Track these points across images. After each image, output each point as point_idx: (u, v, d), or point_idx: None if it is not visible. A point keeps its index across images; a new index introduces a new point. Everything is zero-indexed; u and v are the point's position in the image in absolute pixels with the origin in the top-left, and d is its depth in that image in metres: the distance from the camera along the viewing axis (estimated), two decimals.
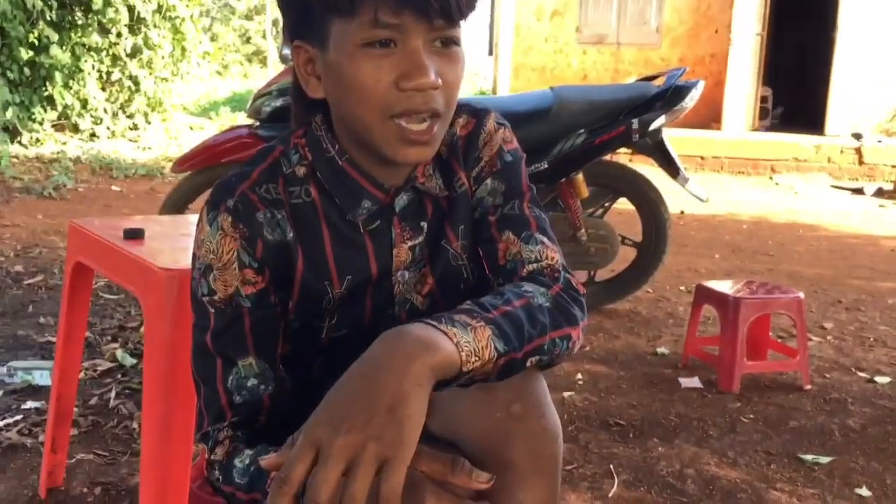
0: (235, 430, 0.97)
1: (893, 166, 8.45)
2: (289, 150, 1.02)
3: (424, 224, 1.04)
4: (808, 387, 2.74)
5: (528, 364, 0.88)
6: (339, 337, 1.05)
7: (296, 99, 1.06)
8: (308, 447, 0.75)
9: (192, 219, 2.02)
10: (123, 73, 9.03)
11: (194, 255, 0.99)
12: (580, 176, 3.38)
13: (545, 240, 1.01)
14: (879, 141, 8.78)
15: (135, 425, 2.25)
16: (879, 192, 7.84)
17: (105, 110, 8.95)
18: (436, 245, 1.05)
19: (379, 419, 0.75)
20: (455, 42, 0.92)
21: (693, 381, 2.77)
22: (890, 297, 4.08)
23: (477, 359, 0.82)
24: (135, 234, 1.60)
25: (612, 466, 2.14)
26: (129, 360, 2.71)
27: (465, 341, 0.81)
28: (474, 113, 1.07)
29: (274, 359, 0.99)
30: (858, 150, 8.59)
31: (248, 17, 31.40)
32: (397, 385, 0.76)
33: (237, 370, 0.97)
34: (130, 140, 9.16)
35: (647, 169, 3.84)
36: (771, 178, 8.58)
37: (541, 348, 0.89)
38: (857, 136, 9.00)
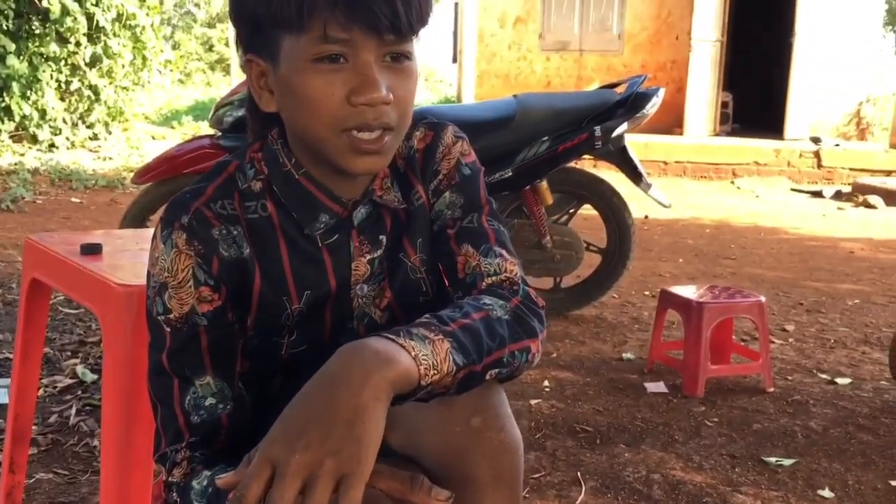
0: (193, 451, 0.95)
1: (851, 169, 8.62)
2: (244, 164, 1.01)
3: (383, 237, 1.04)
4: (771, 389, 2.78)
5: (488, 377, 0.88)
6: (298, 353, 1.04)
7: (251, 112, 1.04)
8: (264, 464, 0.74)
9: (149, 233, 2.00)
10: (83, 83, 8.90)
11: (149, 273, 0.97)
12: (544, 183, 3.39)
13: (504, 252, 1.01)
14: (837, 145, 8.95)
15: (95, 443, 2.21)
16: (838, 195, 7.99)
17: (64, 120, 8.81)
18: (394, 258, 1.05)
19: (337, 434, 0.74)
20: (406, 56, 0.92)
21: (658, 386, 2.79)
22: (849, 298, 4.15)
23: (436, 372, 0.81)
24: (92, 249, 1.57)
25: (579, 473, 2.14)
26: (90, 376, 2.66)
27: (423, 354, 0.81)
28: (432, 126, 1.07)
29: (232, 377, 0.98)
30: (817, 154, 8.75)
31: (211, 25, 31.15)
32: (355, 399, 0.76)
33: (194, 390, 0.95)
34: (90, 150, 9.02)
35: (611, 175, 3.87)
36: (732, 182, 8.70)
37: (500, 361, 0.89)
38: (816, 140, 9.17)
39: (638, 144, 8.53)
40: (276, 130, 1.01)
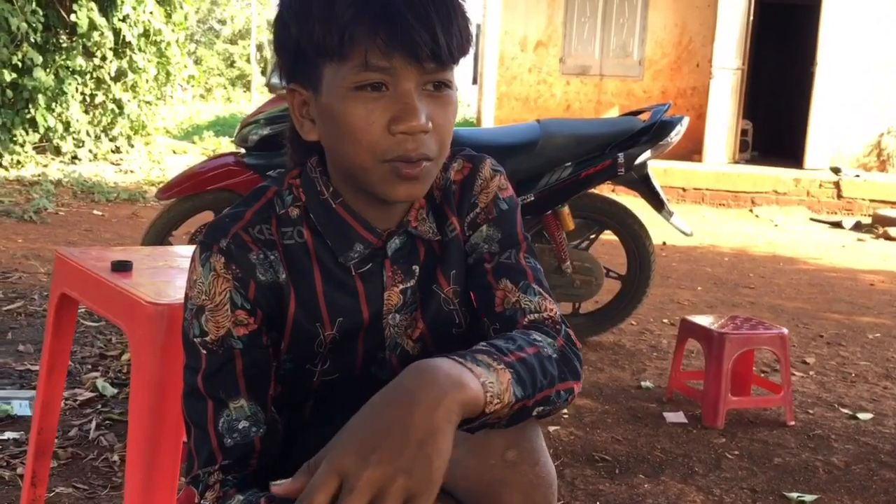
0: (226, 474, 0.95)
1: (871, 200, 8.56)
2: (283, 190, 1.02)
3: (416, 267, 1.04)
4: (792, 423, 2.75)
5: (534, 413, 0.88)
6: (330, 380, 1.04)
7: (292, 140, 1.06)
8: (333, 475, 0.73)
9: (177, 250, 2.01)
10: (107, 97, 9.00)
11: (186, 295, 0.98)
12: (566, 208, 3.40)
13: (542, 291, 1.02)
14: (857, 175, 8.90)
15: (115, 457, 2.21)
16: (857, 226, 7.94)
17: (87, 133, 8.90)
18: (427, 289, 1.05)
19: (409, 453, 0.74)
20: (447, 85, 0.93)
21: (678, 416, 2.77)
22: (870, 331, 4.11)
23: (499, 401, 0.81)
24: (123, 267, 1.58)
25: (598, 503, 2.12)
26: (110, 390, 2.67)
27: (489, 382, 0.81)
28: (470, 158, 1.08)
29: (266, 401, 0.98)
30: (837, 184, 8.71)
31: (233, 42, 31.49)
32: (429, 419, 0.75)
33: (228, 412, 0.95)
34: (112, 163, 9.10)
35: (631, 201, 3.87)
36: (751, 210, 8.66)
37: (548, 399, 0.89)
38: (836, 171, 9.13)
39: (657, 170, 8.50)
40: (315, 158, 1.03)
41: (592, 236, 3.67)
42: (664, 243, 6.27)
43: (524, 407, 0.85)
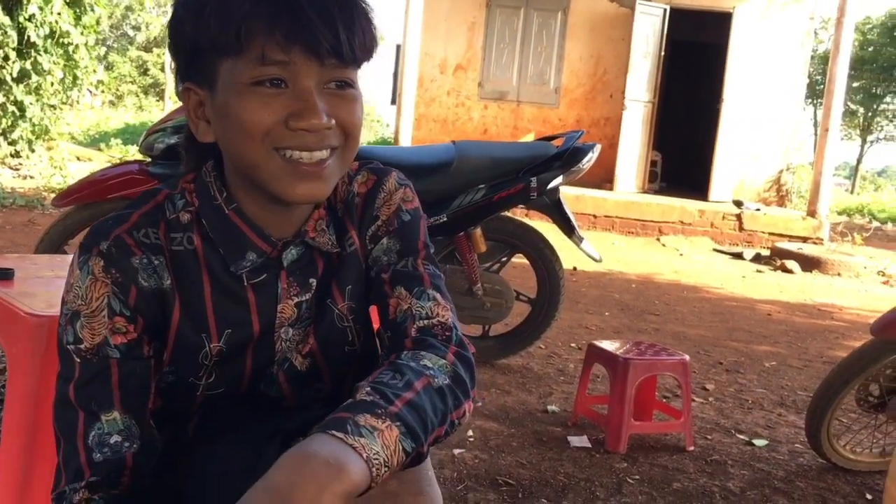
0: (93, 492, 0.89)
1: (770, 233, 8.93)
2: (174, 194, 0.98)
3: (314, 280, 1.01)
4: (691, 448, 2.80)
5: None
6: (215, 395, 0.99)
7: (188, 143, 1.01)
8: None
9: (70, 258, 1.90)
10: (7, 98, 8.60)
11: (63, 300, 0.93)
12: (478, 230, 3.40)
13: (437, 296, 0.98)
14: (758, 209, 9.27)
15: None
16: (757, 258, 8.25)
17: None
18: (321, 304, 1.01)
19: None
20: (349, 84, 0.91)
21: (582, 440, 2.79)
22: (766, 360, 4.25)
23: (387, 469, 0.76)
24: (3, 275, 1.48)
25: None
26: None
27: (374, 454, 0.74)
28: (375, 171, 1.05)
29: (143, 415, 0.93)
30: (739, 217, 9.05)
31: (147, 49, 30.70)
32: None
33: (100, 425, 0.89)
34: (11, 168, 8.69)
35: (543, 226, 3.91)
36: (658, 238, 8.91)
37: (440, 437, 0.86)
38: (738, 204, 9.49)
39: (570, 197, 8.67)
40: (211, 163, 0.98)
41: (504, 259, 3.68)
42: (575, 268, 6.37)
43: (419, 454, 0.81)
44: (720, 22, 10.12)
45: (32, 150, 9.21)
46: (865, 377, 2.60)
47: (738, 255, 8.38)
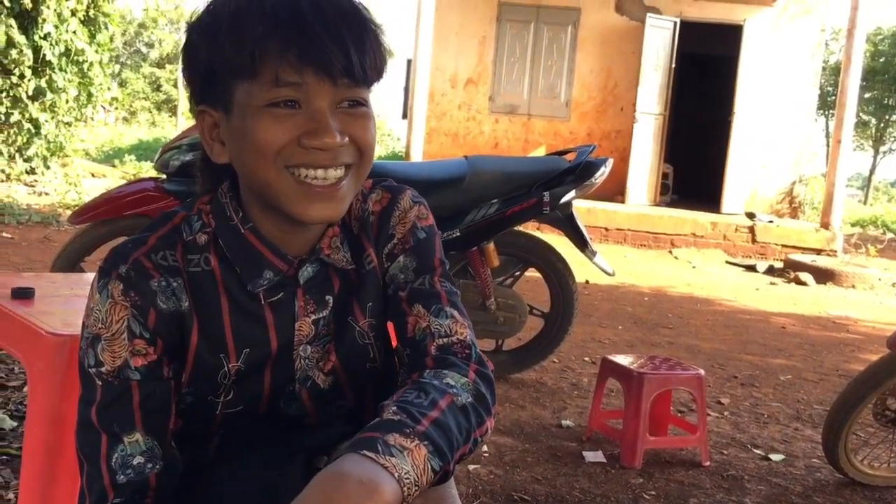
0: None
1: (783, 245, 8.89)
2: (191, 216, 0.99)
3: (330, 297, 1.01)
4: (707, 463, 2.78)
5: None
6: (235, 413, 1.00)
7: (203, 164, 1.03)
8: None
9: (87, 278, 1.92)
10: (23, 116, 8.69)
11: (83, 323, 0.94)
12: (491, 245, 3.40)
13: (455, 313, 0.99)
14: (771, 221, 9.24)
15: (10, 496, 2.08)
16: (770, 270, 8.22)
17: (1, 152, 8.56)
18: (342, 321, 1.02)
19: None
20: (362, 103, 0.92)
21: (597, 456, 2.78)
22: (781, 373, 4.23)
23: (417, 487, 0.77)
24: (24, 294, 1.50)
25: None
26: (9, 423, 2.52)
27: (405, 472, 0.76)
28: (390, 189, 1.06)
29: (164, 436, 0.94)
30: (751, 229, 9.02)
31: (160, 65, 30.96)
32: None
33: (123, 447, 0.90)
34: (26, 184, 8.77)
35: (555, 240, 3.91)
36: (670, 251, 8.88)
37: (465, 454, 0.86)
38: (751, 216, 9.46)
39: (582, 210, 8.65)
40: (227, 184, 1.00)
41: (517, 273, 3.68)
42: (587, 282, 6.36)
43: (445, 472, 0.82)
44: (731, 34, 10.13)
45: (47, 167, 9.29)
46: (882, 391, 2.58)
47: (752, 268, 8.34)
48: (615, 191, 9.81)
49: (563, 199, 3.30)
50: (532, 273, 3.74)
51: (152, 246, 0.95)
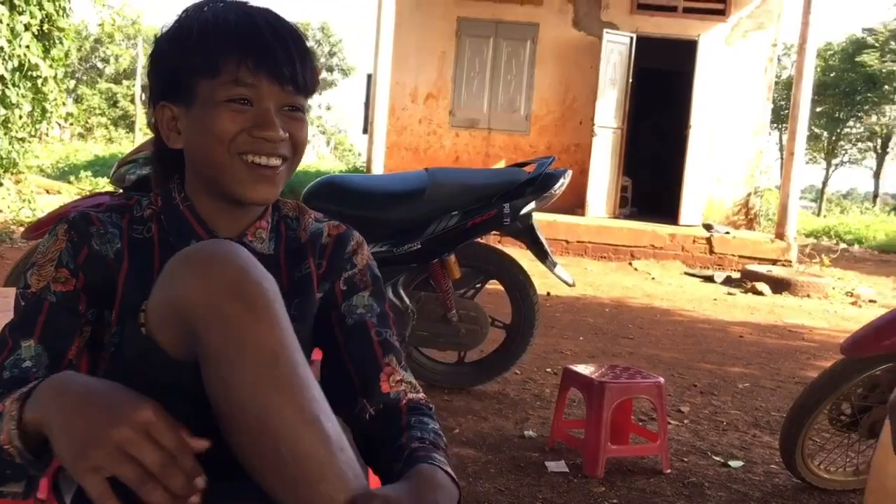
0: None
1: (740, 256, 9.04)
2: (143, 199, 1.14)
3: None
4: (668, 471, 2.81)
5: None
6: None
7: (157, 157, 1.18)
8: (89, 474, 0.80)
9: None
10: None
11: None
12: (453, 257, 3.41)
13: (408, 369, 1.18)
14: (727, 232, 9.39)
15: None
16: (728, 281, 8.34)
17: None
18: None
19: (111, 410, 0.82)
20: (301, 110, 1.09)
21: (559, 465, 2.79)
22: (739, 381, 4.29)
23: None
24: None
25: None
26: None
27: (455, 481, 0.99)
28: (341, 222, 1.23)
29: (59, 356, 1.02)
30: (709, 240, 9.15)
31: (116, 81, 30.56)
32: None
33: (19, 352, 1.00)
34: None
35: (516, 252, 3.93)
36: (630, 263, 8.98)
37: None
38: (708, 227, 9.60)
39: (543, 222, 8.72)
40: (177, 177, 1.14)
41: (478, 285, 3.69)
42: (549, 294, 6.40)
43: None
44: (686, 50, 10.31)
45: (0, 184, 9.10)
46: (837, 396, 2.63)
47: (710, 278, 8.46)
48: (575, 203, 9.90)
49: (524, 211, 3.32)
50: (494, 285, 3.75)
51: (104, 209, 1.10)
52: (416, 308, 3.45)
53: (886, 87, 23.81)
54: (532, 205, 3.33)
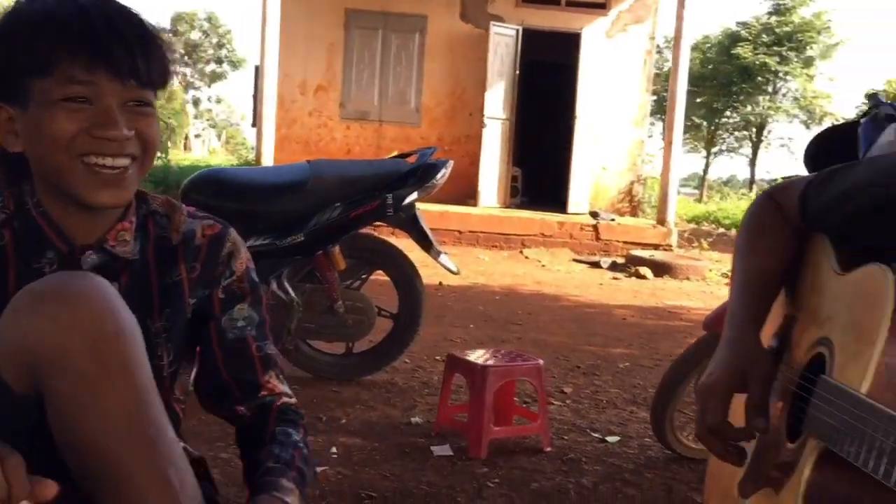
0: None
1: (625, 242, 9.38)
2: None
3: (116, 284, 1.06)
4: (549, 449, 2.92)
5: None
6: None
7: (1, 162, 1.11)
8: None
9: None
10: None
11: None
12: (337, 248, 3.42)
13: (283, 374, 1.22)
14: (612, 219, 9.72)
15: None
16: (613, 266, 8.65)
17: None
18: (139, 316, 1.05)
19: None
20: (147, 104, 1.04)
21: (444, 449, 2.85)
22: (620, 361, 4.47)
23: None
24: None
25: None
26: None
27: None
28: (217, 220, 1.18)
29: None
30: (595, 227, 9.46)
31: None
32: None
33: None
34: None
35: (404, 242, 3.97)
36: (521, 251, 9.18)
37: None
38: (594, 215, 9.92)
39: (434, 213, 8.82)
40: (29, 180, 1.08)
41: (364, 276, 3.71)
42: (441, 284, 6.48)
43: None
44: (570, 42, 10.59)
45: None
46: (700, 370, 2.79)
47: (596, 264, 8.75)
48: (467, 194, 10.03)
49: (406, 201, 3.36)
50: (380, 275, 3.78)
51: None
52: (302, 300, 3.45)
53: (759, 78, 25.09)
54: (414, 195, 3.37)
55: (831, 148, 2.69)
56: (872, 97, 2.69)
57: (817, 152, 2.69)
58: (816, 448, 1.00)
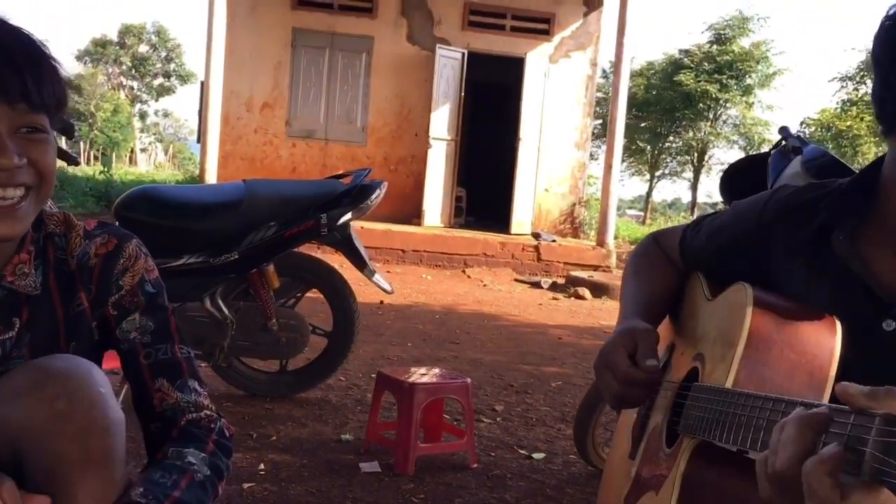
0: None
1: (565, 263, 9.54)
2: None
3: (17, 320, 1.05)
4: (475, 465, 2.98)
5: None
6: None
7: None
8: None
9: None
10: None
11: None
12: (271, 267, 3.45)
13: (197, 385, 1.11)
14: (554, 240, 9.89)
15: None
16: (553, 286, 8.79)
17: None
18: (45, 351, 1.05)
19: None
20: (41, 130, 0.98)
21: (372, 466, 2.89)
22: (553, 380, 4.57)
23: None
24: None
25: None
26: None
27: None
28: (117, 235, 1.12)
29: None
30: (537, 248, 9.61)
31: None
32: None
33: None
34: None
35: (342, 261, 4.01)
36: (464, 271, 9.27)
37: None
38: (536, 236, 10.08)
39: (378, 232, 8.88)
40: None
41: (298, 294, 3.75)
42: (381, 302, 6.52)
43: None
44: (515, 66, 10.78)
45: None
46: None
47: (537, 285, 8.88)
48: (412, 213, 10.11)
49: (341, 221, 3.41)
50: (315, 294, 3.82)
51: None
52: (236, 318, 3.47)
53: (701, 105, 25.75)
54: (349, 215, 3.43)
55: (744, 178, 2.84)
56: (782, 129, 2.85)
57: (731, 182, 2.84)
58: (690, 445, 1.09)
